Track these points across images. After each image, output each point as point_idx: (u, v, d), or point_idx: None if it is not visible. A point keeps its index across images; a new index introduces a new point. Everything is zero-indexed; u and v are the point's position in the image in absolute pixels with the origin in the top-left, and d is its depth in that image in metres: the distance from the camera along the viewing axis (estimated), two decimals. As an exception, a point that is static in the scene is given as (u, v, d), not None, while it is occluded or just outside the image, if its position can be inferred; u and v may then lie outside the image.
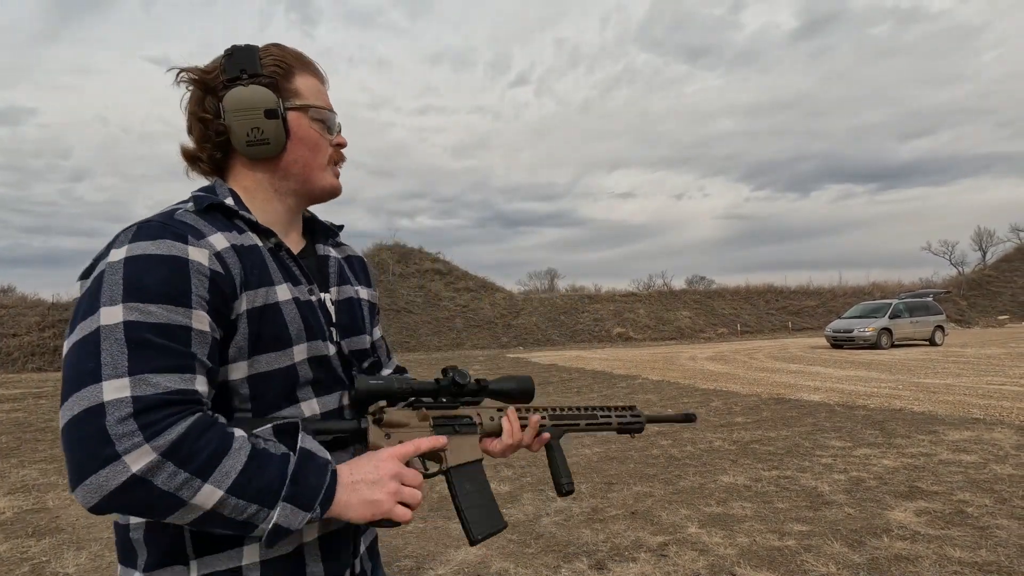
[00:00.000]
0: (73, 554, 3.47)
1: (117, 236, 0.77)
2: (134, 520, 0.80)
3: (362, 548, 0.97)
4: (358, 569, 0.95)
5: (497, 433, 1.01)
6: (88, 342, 0.68)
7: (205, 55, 0.93)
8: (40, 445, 6.68)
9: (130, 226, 0.78)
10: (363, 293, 1.04)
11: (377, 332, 1.10)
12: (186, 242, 0.76)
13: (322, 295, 0.95)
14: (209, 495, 0.67)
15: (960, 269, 43.50)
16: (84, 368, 0.67)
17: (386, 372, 1.12)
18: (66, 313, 20.46)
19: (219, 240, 0.80)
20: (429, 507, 4.18)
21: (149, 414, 0.65)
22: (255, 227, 0.88)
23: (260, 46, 0.91)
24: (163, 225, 0.77)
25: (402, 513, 0.82)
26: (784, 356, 16.55)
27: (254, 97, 0.86)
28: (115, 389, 0.65)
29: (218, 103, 0.87)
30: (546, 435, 1.05)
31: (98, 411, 0.64)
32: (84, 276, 0.78)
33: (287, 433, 0.78)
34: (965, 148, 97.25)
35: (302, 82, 0.91)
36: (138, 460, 0.63)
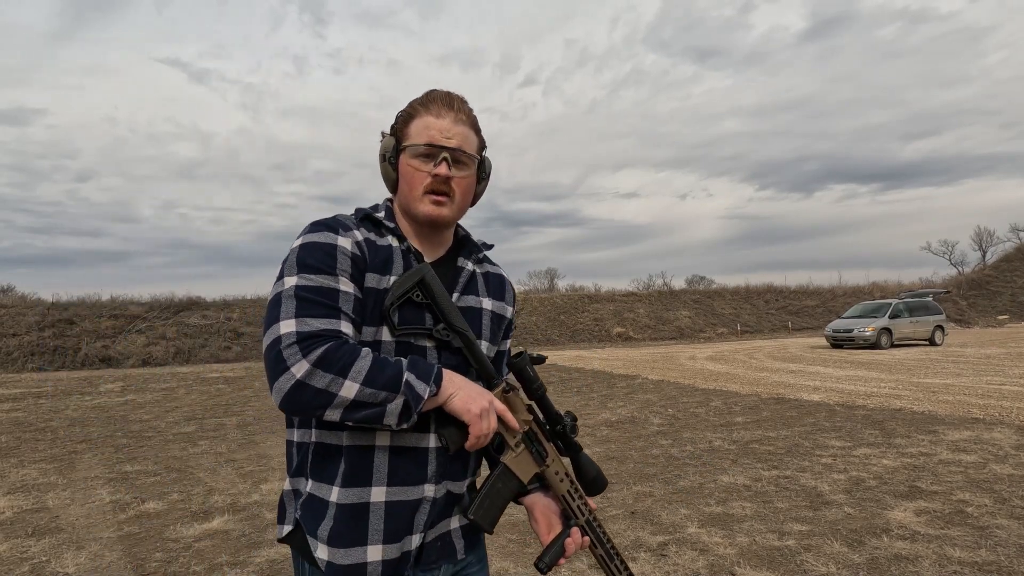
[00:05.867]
0: (73, 554, 3.47)
1: (301, 232, 1.08)
2: (297, 437, 1.09)
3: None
4: None
5: (548, 487, 1.18)
6: (276, 298, 1.01)
7: (217, 56, 0.97)
8: (40, 445, 6.69)
9: (309, 223, 1.09)
10: (487, 304, 1.20)
11: (503, 344, 1.26)
12: (337, 233, 1.07)
13: None
14: (349, 388, 0.94)
15: (960, 269, 43.59)
16: (273, 314, 0.99)
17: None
18: (66, 313, 21.23)
19: (360, 234, 1.09)
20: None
21: (306, 341, 0.95)
22: (394, 232, 1.13)
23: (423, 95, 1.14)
24: (325, 223, 1.08)
25: (483, 428, 1.01)
26: (784, 356, 16.56)
27: (382, 148, 1.16)
28: (287, 326, 0.97)
29: None
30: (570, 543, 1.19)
31: (277, 340, 0.96)
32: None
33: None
34: (969, 149, 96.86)
35: (416, 125, 1.12)
36: (299, 369, 0.93)
